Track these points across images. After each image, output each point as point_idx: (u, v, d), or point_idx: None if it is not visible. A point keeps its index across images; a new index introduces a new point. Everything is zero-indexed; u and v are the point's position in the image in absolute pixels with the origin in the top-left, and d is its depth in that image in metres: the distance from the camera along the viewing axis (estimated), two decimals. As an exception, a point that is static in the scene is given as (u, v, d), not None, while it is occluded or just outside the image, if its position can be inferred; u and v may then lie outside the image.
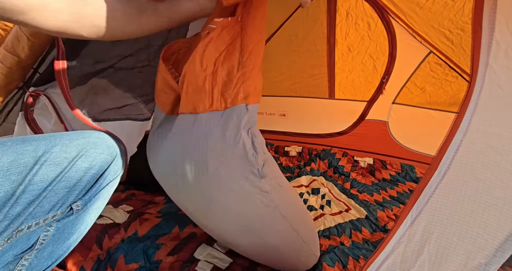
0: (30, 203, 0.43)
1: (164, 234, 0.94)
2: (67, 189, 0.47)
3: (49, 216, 0.46)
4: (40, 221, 0.45)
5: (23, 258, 0.45)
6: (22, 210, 0.42)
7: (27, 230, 0.44)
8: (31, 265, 0.46)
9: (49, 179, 0.45)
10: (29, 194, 0.42)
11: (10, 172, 0.41)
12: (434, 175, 0.44)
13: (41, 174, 0.44)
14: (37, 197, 0.43)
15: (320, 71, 1.69)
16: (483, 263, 0.40)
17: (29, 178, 0.42)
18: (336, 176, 1.55)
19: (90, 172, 0.50)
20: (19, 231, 0.43)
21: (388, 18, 1.35)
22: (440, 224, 0.43)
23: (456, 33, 1.13)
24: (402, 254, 0.46)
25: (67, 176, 0.47)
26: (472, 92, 0.42)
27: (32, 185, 0.43)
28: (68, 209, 0.49)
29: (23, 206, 0.42)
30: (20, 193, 0.41)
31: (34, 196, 0.43)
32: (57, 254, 0.51)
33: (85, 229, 0.55)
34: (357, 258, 0.89)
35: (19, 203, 0.41)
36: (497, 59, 0.40)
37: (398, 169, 1.56)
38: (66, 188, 0.47)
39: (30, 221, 0.44)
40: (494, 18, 0.40)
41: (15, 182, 0.41)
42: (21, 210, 0.42)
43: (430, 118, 1.49)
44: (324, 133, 1.81)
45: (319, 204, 1.23)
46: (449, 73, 1.35)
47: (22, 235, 0.43)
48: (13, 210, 0.41)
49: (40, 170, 0.44)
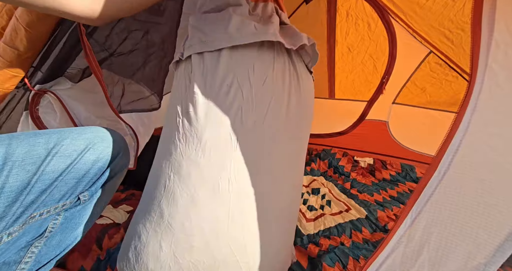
0: (43, 191, 0.46)
1: (164, 234, 0.94)
2: (75, 180, 0.50)
3: (59, 204, 0.50)
4: (51, 209, 0.48)
5: (33, 245, 0.48)
6: (35, 198, 0.45)
7: (39, 217, 0.47)
8: (40, 253, 0.50)
9: (59, 169, 0.48)
10: (42, 183, 0.46)
11: (25, 162, 0.44)
12: (434, 175, 0.44)
13: (53, 165, 0.47)
14: (48, 186, 0.46)
15: (320, 71, 1.68)
16: (483, 263, 0.40)
17: (42, 168, 0.45)
18: (336, 176, 1.55)
19: (97, 164, 0.53)
20: (32, 218, 0.46)
21: (388, 18, 1.35)
22: (440, 224, 0.43)
23: (456, 33, 1.13)
24: (402, 254, 0.46)
25: (76, 167, 0.50)
26: (471, 92, 0.42)
27: (44, 175, 0.46)
28: (76, 199, 0.52)
29: (36, 195, 0.45)
30: (35, 182, 0.44)
31: (46, 185, 0.46)
32: (65, 244, 0.54)
33: (91, 220, 0.58)
34: (357, 258, 0.89)
35: (33, 191, 0.44)
36: (497, 59, 0.40)
37: (398, 169, 1.56)
38: (75, 179, 0.50)
39: (42, 209, 0.47)
40: (493, 18, 0.40)
41: (30, 171, 0.44)
42: (35, 198, 0.45)
43: (430, 118, 1.49)
44: (324, 133, 1.81)
45: (319, 204, 1.23)
46: (449, 73, 1.35)
47: (34, 222, 0.46)
48: (28, 197, 0.44)
49: (52, 161, 0.47)
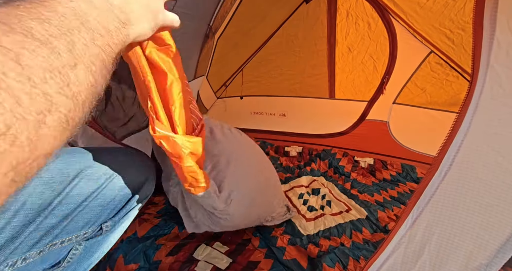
0: (65, 216, 0.43)
1: (164, 234, 0.94)
2: (100, 207, 0.48)
3: (81, 233, 0.47)
4: (72, 237, 0.45)
5: None
6: (57, 223, 0.42)
7: (60, 245, 0.44)
8: None
9: (85, 193, 0.45)
10: (66, 207, 0.42)
11: (53, 180, 0.41)
12: (435, 175, 0.43)
13: (79, 188, 0.44)
14: (72, 210, 0.43)
15: (320, 71, 1.68)
16: (484, 264, 0.40)
17: (68, 190, 0.43)
18: (337, 176, 1.55)
19: (123, 191, 0.51)
20: (53, 245, 0.42)
21: (388, 17, 1.34)
22: (441, 224, 0.43)
23: (457, 33, 1.12)
24: (403, 255, 0.45)
25: (102, 193, 0.47)
26: (473, 92, 0.41)
27: (69, 198, 0.43)
28: (98, 228, 0.49)
29: (58, 219, 0.42)
30: (57, 204, 0.41)
31: (69, 210, 0.43)
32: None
33: (107, 249, 0.55)
34: (357, 258, 0.89)
35: (55, 214, 0.41)
36: (499, 59, 0.40)
37: (399, 169, 1.56)
38: (100, 206, 0.47)
39: (64, 237, 0.44)
40: (495, 17, 0.40)
41: (55, 191, 0.41)
42: (56, 223, 0.41)
43: (430, 119, 1.49)
44: (324, 134, 1.81)
45: (320, 204, 1.23)
46: (450, 73, 1.34)
47: (54, 250, 0.43)
48: (49, 220, 0.40)
49: (79, 183, 0.44)
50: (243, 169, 0.88)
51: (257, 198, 0.88)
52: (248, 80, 1.91)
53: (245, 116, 1.99)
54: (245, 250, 0.89)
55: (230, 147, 0.92)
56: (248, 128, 1.96)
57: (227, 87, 2.00)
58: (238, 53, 1.80)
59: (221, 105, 2.03)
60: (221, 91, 2.02)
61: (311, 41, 1.60)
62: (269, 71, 1.82)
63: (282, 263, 0.85)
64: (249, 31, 1.63)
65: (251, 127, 1.96)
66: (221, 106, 2.03)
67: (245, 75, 1.91)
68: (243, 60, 1.85)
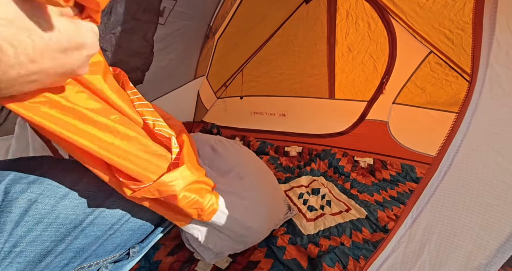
0: (96, 238, 0.41)
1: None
2: (131, 231, 0.47)
3: (109, 257, 0.46)
4: (100, 261, 0.44)
5: None
6: (87, 244, 0.41)
7: (87, 269, 0.43)
8: None
9: (117, 216, 0.44)
10: (97, 228, 0.41)
11: (88, 195, 0.40)
12: (434, 175, 0.43)
13: (113, 209, 0.43)
14: (103, 233, 0.42)
15: (320, 71, 1.68)
16: (484, 264, 0.40)
17: (101, 210, 0.41)
18: (336, 176, 1.55)
19: (153, 216, 0.50)
20: (81, 268, 0.42)
21: (388, 17, 1.35)
22: (441, 224, 0.43)
23: (456, 33, 1.13)
24: (403, 255, 0.45)
25: (133, 218, 0.46)
26: (472, 92, 0.42)
27: (101, 218, 0.41)
28: (126, 252, 0.48)
29: (88, 240, 0.40)
30: (88, 224, 0.40)
31: (100, 232, 0.42)
32: None
33: (128, 269, 0.54)
34: (357, 258, 0.89)
35: (86, 234, 0.40)
36: (498, 59, 0.40)
37: (399, 169, 1.56)
38: (130, 230, 0.47)
39: (93, 260, 0.43)
40: (494, 17, 0.40)
41: (88, 208, 0.40)
42: (86, 244, 0.40)
43: (430, 119, 1.49)
44: (324, 134, 1.81)
45: (319, 204, 1.23)
46: (450, 73, 1.35)
47: None
48: (79, 241, 0.39)
49: (113, 204, 0.43)
50: (256, 180, 0.86)
51: (271, 204, 0.88)
52: (248, 80, 1.92)
53: (245, 116, 1.99)
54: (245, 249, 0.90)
55: (237, 160, 0.91)
56: (248, 128, 1.96)
57: (227, 87, 2.01)
58: (238, 53, 1.80)
59: (221, 105, 2.03)
60: (221, 91, 2.02)
61: (311, 41, 1.60)
62: (269, 71, 1.82)
63: (282, 262, 0.85)
64: (249, 31, 1.63)
65: (251, 127, 1.96)
66: (221, 106, 2.03)
67: (245, 75, 1.91)
68: (243, 60, 1.85)
